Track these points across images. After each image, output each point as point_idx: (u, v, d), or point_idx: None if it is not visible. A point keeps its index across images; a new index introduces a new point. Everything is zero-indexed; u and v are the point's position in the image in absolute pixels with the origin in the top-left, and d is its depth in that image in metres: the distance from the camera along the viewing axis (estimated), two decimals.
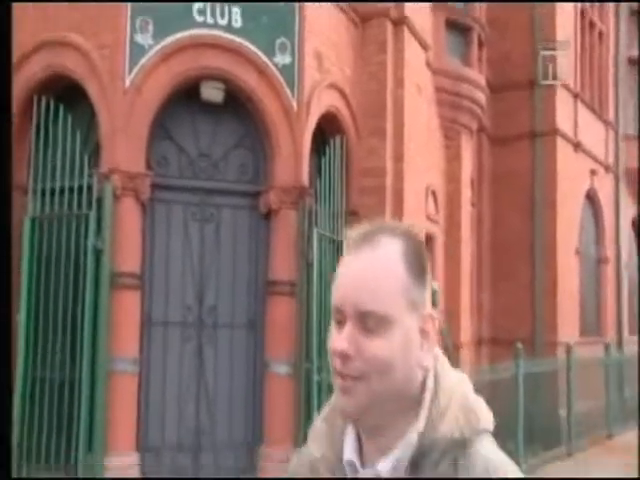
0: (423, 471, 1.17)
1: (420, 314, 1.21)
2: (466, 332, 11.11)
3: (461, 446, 1.17)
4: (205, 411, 7.07)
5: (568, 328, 13.09)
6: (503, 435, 9.85)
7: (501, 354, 11.24)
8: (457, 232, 11.05)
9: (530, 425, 10.41)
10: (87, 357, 6.42)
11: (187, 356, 7.10)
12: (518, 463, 9.56)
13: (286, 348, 7.18)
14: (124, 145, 6.74)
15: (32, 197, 6.85)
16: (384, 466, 1.19)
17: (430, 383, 1.22)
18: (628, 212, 17.14)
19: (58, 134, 6.81)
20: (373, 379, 1.17)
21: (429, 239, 10.03)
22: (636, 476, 8.38)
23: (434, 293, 6.49)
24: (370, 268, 1.19)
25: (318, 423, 1.34)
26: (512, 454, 9.70)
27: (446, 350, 7.49)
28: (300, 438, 6.55)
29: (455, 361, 8.44)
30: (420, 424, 1.19)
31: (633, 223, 17.66)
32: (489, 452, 1.19)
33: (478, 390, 1.22)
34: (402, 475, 1.18)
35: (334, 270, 1.25)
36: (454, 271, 10.95)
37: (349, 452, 1.25)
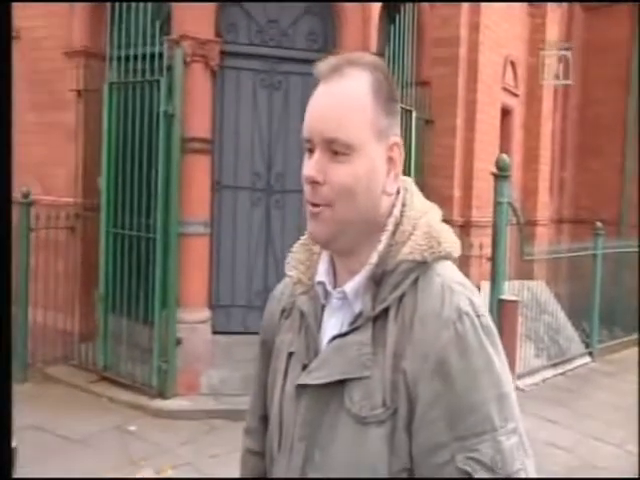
0: (384, 289, 1.23)
1: (387, 143, 1.26)
2: (543, 209, 10.87)
3: (422, 268, 1.23)
4: (273, 273, 7.34)
5: None
6: (579, 315, 9.81)
7: (583, 234, 10.99)
8: (538, 106, 10.58)
9: (611, 307, 10.26)
10: (160, 219, 6.71)
11: (256, 220, 7.34)
12: (591, 344, 9.54)
13: None
14: (193, 12, 6.80)
15: (109, 64, 7.07)
16: (350, 286, 1.26)
17: (396, 211, 1.27)
18: None
19: (132, 3, 6.92)
20: (339, 205, 1.22)
21: (506, 112, 9.73)
22: None
23: (505, 165, 6.32)
24: (337, 98, 1.23)
25: (296, 249, 1.42)
26: (586, 334, 9.68)
27: (518, 225, 7.43)
28: None
29: (527, 237, 8.38)
30: (380, 246, 1.25)
31: None
32: (447, 273, 1.24)
33: (555, 267, 1.23)
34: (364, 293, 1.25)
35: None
36: (533, 146, 10.60)
37: (321, 274, 1.33)
